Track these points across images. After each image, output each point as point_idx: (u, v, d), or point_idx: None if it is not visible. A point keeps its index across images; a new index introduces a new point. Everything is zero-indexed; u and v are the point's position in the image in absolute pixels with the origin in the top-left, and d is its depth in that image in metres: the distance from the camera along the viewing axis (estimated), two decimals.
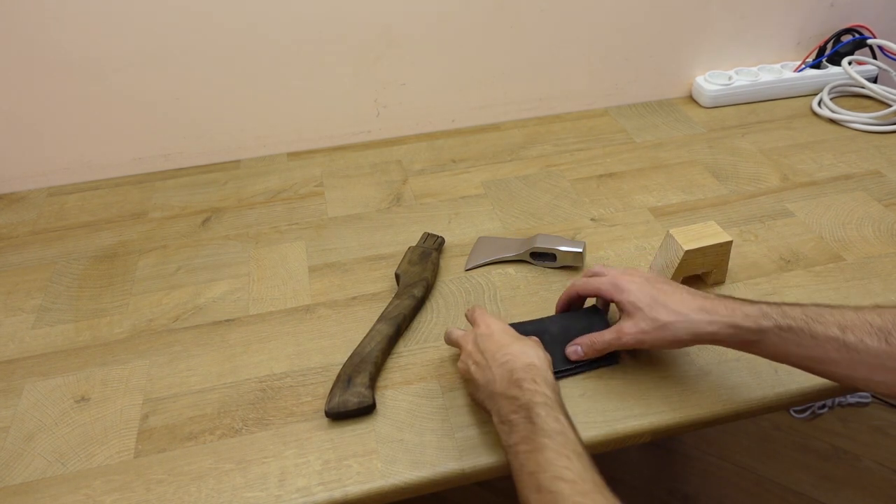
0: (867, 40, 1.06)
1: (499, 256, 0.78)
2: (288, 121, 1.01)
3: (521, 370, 0.52)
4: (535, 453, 0.46)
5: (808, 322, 0.51)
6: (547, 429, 0.47)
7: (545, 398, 0.50)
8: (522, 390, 0.51)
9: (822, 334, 0.50)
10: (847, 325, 0.50)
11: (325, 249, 0.82)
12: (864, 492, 1.25)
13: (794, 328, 0.51)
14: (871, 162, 0.93)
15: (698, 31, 1.06)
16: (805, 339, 0.51)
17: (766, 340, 0.53)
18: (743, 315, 0.53)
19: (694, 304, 0.55)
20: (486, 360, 0.55)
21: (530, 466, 0.46)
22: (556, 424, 0.48)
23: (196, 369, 0.67)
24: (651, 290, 0.57)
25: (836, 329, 0.50)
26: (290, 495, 0.55)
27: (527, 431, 0.48)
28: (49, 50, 0.86)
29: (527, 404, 0.50)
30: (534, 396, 0.50)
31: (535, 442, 0.47)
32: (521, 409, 0.50)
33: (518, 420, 0.49)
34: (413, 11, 0.94)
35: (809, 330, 0.51)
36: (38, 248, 0.85)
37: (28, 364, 0.69)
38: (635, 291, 0.57)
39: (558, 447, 0.46)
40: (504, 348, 0.55)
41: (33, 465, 0.58)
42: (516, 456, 0.48)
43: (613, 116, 1.09)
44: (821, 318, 0.51)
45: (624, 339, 0.57)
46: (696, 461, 1.31)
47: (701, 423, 0.60)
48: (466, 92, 1.04)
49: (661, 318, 0.55)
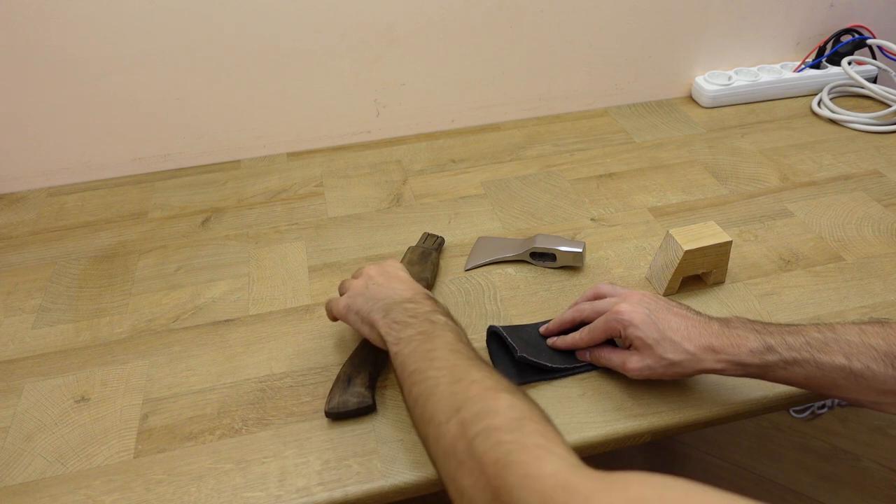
0: (867, 40, 1.07)
1: (499, 256, 0.78)
2: (288, 121, 1.01)
3: (423, 296, 0.59)
4: (432, 337, 0.52)
5: (813, 353, 0.51)
6: (447, 325, 0.54)
7: (446, 315, 0.56)
8: (422, 306, 0.57)
9: (828, 364, 0.51)
10: (852, 352, 0.51)
11: (324, 249, 0.82)
12: (863, 492, 1.25)
13: (800, 360, 0.52)
14: (870, 162, 0.93)
15: (698, 31, 1.06)
16: (811, 370, 0.51)
17: (771, 374, 0.53)
18: (748, 352, 0.53)
19: (700, 342, 0.54)
20: (387, 281, 0.60)
21: (424, 347, 0.51)
22: (456, 326, 0.55)
23: (196, 369, 0.67)
24: (659, 325, 0.56)
25: (841, 358, 0.51)
26: (290, 495, 0.55)
27: (425, 328, 0.53)
28: (49, 50, 0.86)
29: (425, 315, 0.55)
30: (432, 315, 0.55)
31: (433, 333, 0.52)
32: (418, 316, 0.55)
33: (417, 324, 0.54)
34: (413, 11, 0.94)
35: (815, 361, 0.51)
36: (38, 248, 0.85)
37: (28, 364, 0.69)
38: (642, 327, 0.56)
39: (454, 335, 0.53)
40: (406, 278, 0.62)
41: (33, 465, 0.58)
42: (409, 342, 0.52)
43: (613, 116, 1.09)
44: (825, 347, 0.51)
45: (630, 373, 0.58)
46: (696, 461, 1.31)
47: (701, 423, 0.60)
48: (466, 92, 1.04)
49: (669, 356, 0.55)
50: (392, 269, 0.63)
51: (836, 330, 0.52)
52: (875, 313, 0.69)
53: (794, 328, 0.54)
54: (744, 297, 0.71)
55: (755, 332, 0.54)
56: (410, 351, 0.51)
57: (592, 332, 0.61)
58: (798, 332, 0.53)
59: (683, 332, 0.55)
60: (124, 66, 0.89)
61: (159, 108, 0.94)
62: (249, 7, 0.88)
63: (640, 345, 0.56)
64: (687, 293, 0.72)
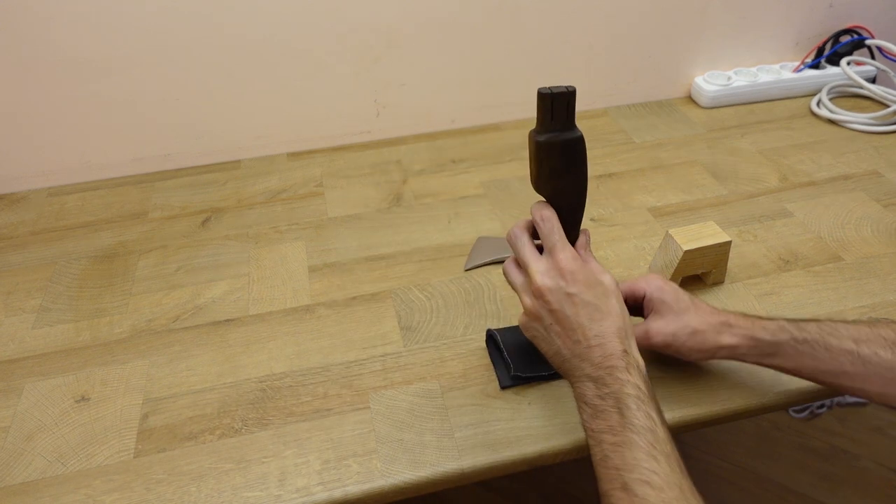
0: (866, 41, 1.07)
1: (499, 256, 0.78)
2: (288, 121, 1.01)
3: (616, 357, 0.49)
4: (622, 448, 0.45)
5: (823, 335, 0.52)
6: (637, 424, 0.46)
7: (637, 391, 0.47)
8: (613, 378, 0.48)
9: (837, 347, 0.52)
10: (861, 338, 0.51)
11: (324, 249, 0.82)
12: (862, 491, 1.25)
13: (810, 340, 0.53)
14: (869, 162, 0.93)
15: (698, 31, 1.06)
16: (820, 351, 0.52)
17: (783, 353, 0.53)
18: (761, 328, 0.54)
19: (717, 317, 0.56)
20: (573, 331, 0.51)
21: (615, 460, 0.45)
22: (647, 421, 0.46)
23: (196, 369, 0.67)
24: (683, 296, 0.57)
25: (850, 342, 0.51)
26: (290, 495, 0.55)
27: (614, 422, 0.46)
28: (49, 50, 0.86)
29: (617, 394, 0.47)
30: (625, 387, 0.48)
31: (622, 435, 0.45)
32: (609, 396, 0.48)
33: (605, 407, 0.47)
34: (413, 12, 0.94)
35: (824, 342, 0.52)
36: (38, 248, 0.85)
37: (28, 364, 0.69)
38: (670, 292, 0.56)
39: (647, 446, 0.45)
40: (597, 322, 0.50)
41: (33, 464, 0.58)
42: (599, 444, 0.47)
43: (613, 116, 1.09)
44: (835, 332, 0.52)
45: (653, 339, 0.56)
46: (696, 461, 1.31)
47: (701, 423, 0.60)
48: (466, 92, 1.04)
49: (693, 324, 0.55)
50: (572, 307, 0.51)
51: (847, 322, 0.54)
52: (874, 313, 0.69)
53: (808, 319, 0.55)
54: (743, 297, 0.72)
55: (769, 318, 0.56)
56: (601, 457, 0.47)
57: None
58: (811, 320, 0.54)
59: (702, 307, 0.56)
60: (124, 66, 0.89)
61: (159, 108, 0.95)
62: (249, 7, 0.88)
63: (664, 310, 0.56)
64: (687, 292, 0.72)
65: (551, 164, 0.52)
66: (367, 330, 0.70)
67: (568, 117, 0.51)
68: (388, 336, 0.69)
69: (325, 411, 0.62)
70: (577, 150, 0.52)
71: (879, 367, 0.50)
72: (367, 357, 0.67)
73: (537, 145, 0.51)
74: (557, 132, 0.51)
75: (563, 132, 0.51)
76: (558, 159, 0.52)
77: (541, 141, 0.51)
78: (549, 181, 0.53)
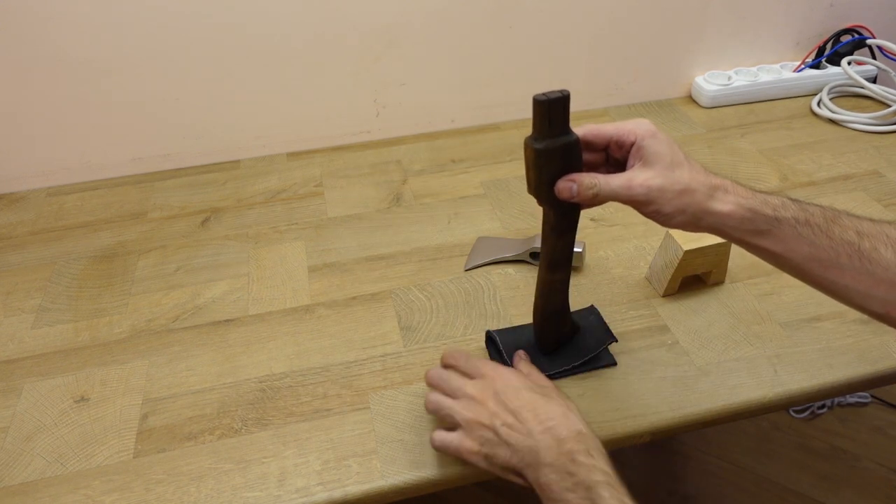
0: (866, 40, 1.07)
1: (498, 256, 0.78)
2: (287, 121, 1.00)
3: (572, 439, 0.48)
4: None
5: (827, 221, 0.48)
6: None
7: (606, 476, 0.46)
8: (578, 465, 0.46)
9: (839, 236, 0.48)
10: (864, 232, 0.48)
11: (324, 249, 0.82)
12: (863, 492, 1.25)
13: (812, 223, 0.48)
14: (870, 162, 0.93)
15: (698, 31, 1.06)
16: (821, 237, 0.48)
17: (779, 232, 0.49)
18: (762, 201, 0.49)
19: (711, 179, 0.50)
20: (521, 423, 0.49)
21: None
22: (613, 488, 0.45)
23: (195, 369, 0.67)
24: (677, 150, 0.50)
25: (853, 233, 0.48)
26: (290, 495, 0.55)
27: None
28: (48, 50, 0.86)
29: (585, 482, 0.45)
30: (592, 473, 0.46)
31: None
32: (578, 487, 0.45)
33: (576, 500, 0.45)
34: (413, 12, 0.94)
35: (827, 229, 0.48)
36: (38, 248, 0.85)
37: (27, 364, 0.68)
38: (664, 141, 0.50)
39: None
40: (541, 409, 0.50)
41: (33, 465, 0.58)
42: None
43: (613, 116, 1.09)
44: (839, 220, 0.48)
45: (635, 190, 0.49)
46: (696, 461, 1.31)
47: (701, 423, 0.60)
48: (466, 92, 1.04)
49: (685, 180, 0.49)
50: (513, 400, 0.51)
51: (850, 213, 0.50)
52: None
53: (810, 203, 0.51)
54: (744, 297, 0.71)
55: (770, 193, 0.51)
56: None
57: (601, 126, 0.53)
58: (814, 204, 0.50)
59: (696, 167, 0.50)
60: (124, 66, 0.89)
61: (159, 108, 0.94)
62: (249, 7, 0.88)
63: (653, 159, 0.49)
64: (687, 293, 0.72)
65: (551, 169, 0.51)
66: (367, 330, 0.70)
67: (564, 122, 0.50)
68: (387, 336, 0.69)
69: (324, 411, 0.62)
70: (575, 153, 0.52)
71: (876, 265, 0.47)
72: (367, 357, 0.67)
73: (536, 153, 0.51)
74: (555, 138, 0.50)
75: (559, 137, 0.51)
76: (558, 164, 0.51)
77: (539, 148, 0.50)
78: (549, 186, 0.52)
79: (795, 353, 0.65)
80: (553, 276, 0.58)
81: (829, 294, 0.50)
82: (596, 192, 0.50)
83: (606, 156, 0.55)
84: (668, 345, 0.66)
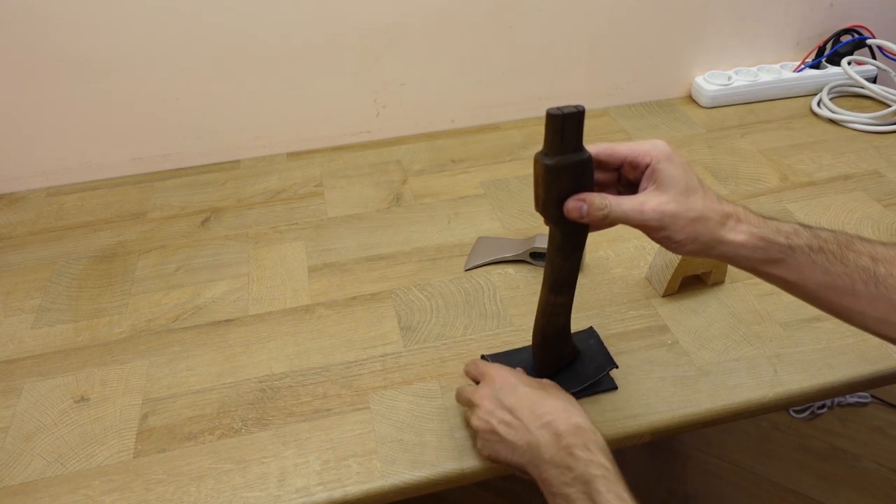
0: (866, 40, 1.07)
1: (499, 256, 0.78)
2: (287, 121, 1.00)
3: (570, 434, 0.48)
4: None
5: (841, 247, 0.47)
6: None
7: (604, 470, 0.45)
8: (576, 459, 0.46)
9: (854, 262, 0.46)
10: (879, 257, 0.47)
11: (324, 249, 0.82)
12: (863, 492, 1.25)
13: (826, 250, 0.47)
14: (870, 162, 0.93)
15: (698, 31, 1.06)
16: (835, 264, 0.47)
17: (792, 261, 0.47)
18: (775, 229, 0.48)
19: (724, 207, 0.48)
20: (519, 420, 0.50)
21: None
22: (619, 503, 0.44)
23: (195, 369, 0.67)
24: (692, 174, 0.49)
25: (867, 259, 0.46)
26: (290, 495, 0.55)
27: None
28: (48, 50, 0.86)
29: (583, 476, 0.45)
30: (590, 468, 0.46)
31: None
32: (576, 481, 0.45)
33: (575, 494, 0.45)
34: (413, 12, 0.94)
35: (842, 255, 0.47)
36: (38, 248, 0.85)
37: (27, 364, 0.68)
38: (680, 165, 0.48)
39: None
40: (539, 405, 0.50)
41: (32, 465, 0.58)
42: None
43: (613, 116, 1.09)
44: (853, 246, 0.47)
45: (647, 215, 0.48)
46: (696, 461, 1.31)
47: (701, 423, 0.60)
48: (466, 92, 1.04)
49: (698, 208, 0.47)
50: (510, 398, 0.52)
51: (862, 238, 0.48)
52: None
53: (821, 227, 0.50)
54: (744, 297, 0.71)
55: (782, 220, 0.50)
56: None
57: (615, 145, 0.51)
58: (825, 229, 0.49)
59: (710, 195, 0.49)
60: (124, 66, 0.89)
61: (159, 108, 0.94)
62: (249, 7, 0.88)
63: (667, 183, 0.48)
64: (687, 293, 0.72)
65: (560, 187, 0.49)
66: (367, 330, 0.70)
67: (577, 138, 0.48)
68: (387, 336, 0.69)
69: (324, 411, 0.62)
70: (587, 172, 0.49)
71: (892, 291, 0.45)
72: (367, 357, 0.67)
73: (546, 169, 0.48)
74: (566, 154, 0.48)
75: (571, 154, 0.48)
76: (568, 182, 0.49)
77: (550, 164, 0.48)
78: (557, 205, 0.50)
79: (795, 353, 0.65)
80: (556, 299, 0.56)
81: (844, 320, 0.49)
82: (606, 214, 0.49)
83: (618, 175, 0.54)
84: (668, 345, 0.66)
